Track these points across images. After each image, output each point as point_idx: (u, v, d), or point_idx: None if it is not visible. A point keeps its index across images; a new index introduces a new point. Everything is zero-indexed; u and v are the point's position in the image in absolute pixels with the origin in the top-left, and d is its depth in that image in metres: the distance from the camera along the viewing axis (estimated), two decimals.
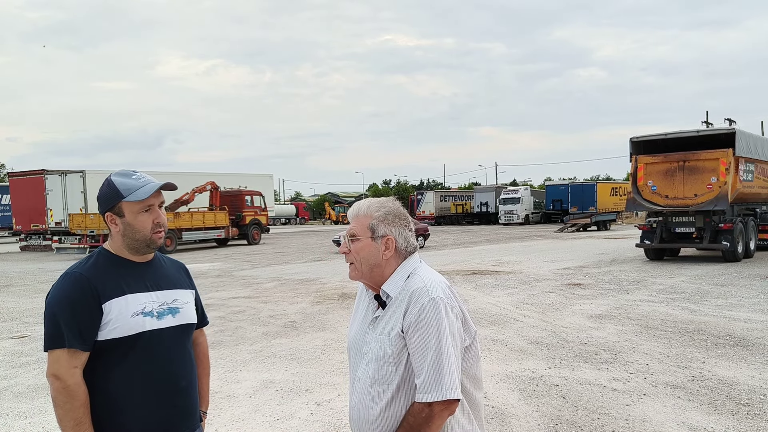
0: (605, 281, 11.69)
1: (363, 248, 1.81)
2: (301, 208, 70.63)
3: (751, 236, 15.56)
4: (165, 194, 2.00)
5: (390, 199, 1.91)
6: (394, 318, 1.74)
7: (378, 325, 1.80)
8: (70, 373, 1.78)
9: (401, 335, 1.71)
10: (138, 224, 1.91)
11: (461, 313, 1.77)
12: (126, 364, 1.85)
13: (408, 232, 1.85)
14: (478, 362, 1.83)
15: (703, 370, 5.55)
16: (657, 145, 15.19)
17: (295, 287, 12.02)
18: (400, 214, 1.85)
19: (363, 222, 1.83)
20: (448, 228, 40.98)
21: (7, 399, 5.28)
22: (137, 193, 1.89)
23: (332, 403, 4.91)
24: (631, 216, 42.16)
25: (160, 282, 1.98)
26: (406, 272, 1.80)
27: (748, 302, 9.00)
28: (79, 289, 1.82)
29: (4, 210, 33.18)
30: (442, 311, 1.69)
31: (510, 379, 5.40)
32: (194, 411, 2.03)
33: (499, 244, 23.11)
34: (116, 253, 1.95)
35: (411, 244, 1.85)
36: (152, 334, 1.89)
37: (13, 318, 9.41)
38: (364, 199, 1.92)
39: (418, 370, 1.68)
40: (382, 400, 1.73)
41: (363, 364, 1.82)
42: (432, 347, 1.65)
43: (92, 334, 1.82)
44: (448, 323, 1.69)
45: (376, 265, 1.81)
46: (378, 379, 1.75)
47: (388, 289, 1.80)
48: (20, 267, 18.76)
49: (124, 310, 1.85)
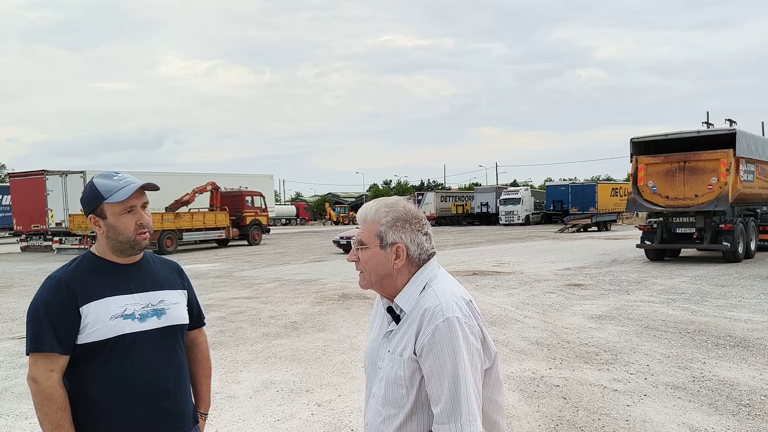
0: (606, 282, 11.68)
1: (371, 257, 1.65)
2: (302, 208, 70.66)
3: (751, 237, 15.56)
4: (165, 195, 1.99)
5: (401, 200, 1.73)
6: (407, 337, 1.60)
7: (392, 341, 1.65)
8: (47, 376, 1.78)
9: (414, 358, 1.56)
10: (120, 226, 1.89)
11: (481, 333, 1.60)
12: (107, 367, 1.84)
13: (422, 236, 1.67)
14: (499, 386, 1.68)
15: (704, 370, 5.55)
16: (657, 146, 15.19)
17: (296, 288, 12.02)
18: (411, 217, 1.66)
19: (371, 228, 1.66)
20: (448, 228, 40.98)
21: (8, 399, 5.28)
22: (118, 194, 1.88)
23: (333, 403, 4.91)
24: (632, 216, 42.12)
25: (146, 283, 1.96)
26: (421, 283, 1.64)
27: (748, 303, 8.99)
28: (58, 293, 1.83)
29: (5, 210, 33.24)
30: (459, 333, 1.52)
31: (510, 379, 5.39)
32: (183, 413, 2.00)
33: (500, 245, 23.11)
34: (101, 256, 1.94)
35: (425, 251, 1.67)
36: (134, 336, 1.87)
37: (14, 318, 9.42)
38: (372, 200, 1.75)
39: (435, 399, 1.53)
40: (393, 423, 1.61)
41: (377, 380, 1.69)
42: (448, 374, 1.50)
43: (70, 337, 1.81)
44: (465, 346, 1.53)
45: (386, 275, 1.66)
46: (390, 401, 1.62)
47: (401, 302, 1.64)
48: (21, 267, 18.77)
49: (103, 313, 1.84)
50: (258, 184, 30.37)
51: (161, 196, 23.00)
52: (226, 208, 26.70)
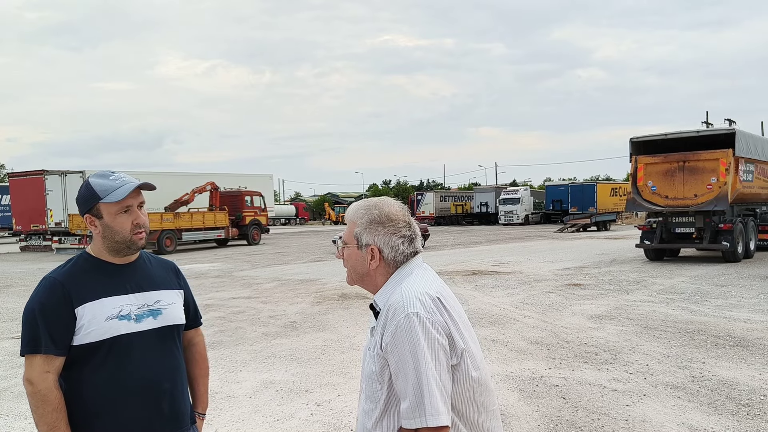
0: (605, 281, 11.69)
1: (350, 256, 1.74)
2: (301, 208, 70.63)
3: (751, 236, 15.56)
4: (165, 195, 1.99)
5: (382, 201, 1.75)
6: (378, 333, 1.63)
7: (372, 337, 1.69)
8: (42, 377, 1.78)
9: (381, 354, 1.60)
10: (117, 225, 1.88)
11: (447, 328, 1.58)
12: (103, 368, 1.83)
13: (397, 239, 1.68)
14: (482, 387, 1.64)
15: (703, 370, 5.55)
16: (657, 146, 15.20)
17: (295, 288, 12.02)
18: (385, 220, 1.68)
19: (351, 228, 1.73)
20: (448, 228, 40.98)
21: (8, 399, 5.28)
22: (114, 194, 1.86)
23: (332, 403, 4.91)
24: (631, 216, 42.15)
25: (143, 283, 1.95)
26: (397, 282, 1.67)
27: (748, 302, 9.00)
28: (52, 294, 1.82)
29: (4, 210, 33.20)
30: (418, 329, 1.53)
31: (510, 379, 5.39)
32: (181, 413, 1.99)
33: (499, 245, 23.11)
34: (97, 256, 1.93)
35: (401, 253, 1.69)
36: (129, 337, 1.86)
37: (13, 318, 9.42)
38: (360, 200, 1.80)
39: (402, 394, 1.55)
40: (372, 417, 1.64)
41: (362, 376, 1.74)
42: (410, 369, 1.52)
43: (66, 339, 1.81)
44: (427, 341, 1.53)
45: (365, 274, 1.72)
46: (368, 395, 1.66)
47: (378, 299, 1.69)
48: (20, 267, 18.76)
49: (98, 314, 1.83)
50: (257, 184, 30.37)
51: (161, 196, 23.01)
52: (226, 207, 26.68)
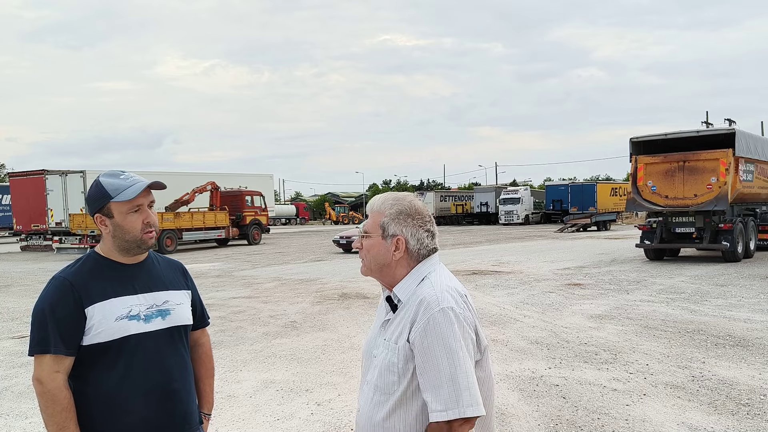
0: (605, 281, 11.69)
1: (372, 246, 1.73)
2: (302, 208, 70.62)
3: (751, 236, 15.57)
4: (165, 194, 2.00)
5: (409, 195, 1.79)
6: (402, 325, 1.65)
7: (388, 329, 1.71)
8: (52, 377, 1.78)
9: (407, 345, 1.61)
10: (127, 225, 1.88)
11: (474, 326, 1.66)
12: (113, 368, 1.83)
13: (423, 233, 1.73)
14: (490, 383, 1.71)
15: (703, 370, 5.56)
16: (657, 146, 15.20)
17: (296, 287, 12.03)
18: (414, 213, 1.72)
19: (376, 219, 1.74)
20: (448, 228, 40.97)
21: (8, 399, 5.28)
22: (125, 193, 1.86)
23: (332, 403, 4.91)
24: (631, 216, 42.16)
25: (151, 284, 1.95)
26: (419, 276, 1.70)
27: (748, 302, 9.00)
28: (62, 294, 1.82)
29: (5, 210, 33.20)
30: (453, 322, 1.58)
31: (510, 379, 5.40)
32: (189, 414, 1.99)
33: (499, 244, 23.12)
34: (106, 256, 1.93)
35: (425, 246, 1.73)
36: (139, 337, 1.86)
37: (14, 318, 9.42)
38: (385, 192, 1.82)
39: (430, 386, 1.56)
40: (382, 409, 1.65)
41: (372, 367, 1.74)
42: (444, 362, 1.54)
43: (75, 339, 1.81)
44: (462, 335, 1.58)
45: (385, 265, 1.72)
46: (380, 387, 1.67)
47: (399, 292, 1.70)
48: (21, 267, 18.76)
49: (108, 314, 1.83)
50: (258, 184, 30.39)
51: (161, 195, 22.91)
52: (226, 207, 26.69)
